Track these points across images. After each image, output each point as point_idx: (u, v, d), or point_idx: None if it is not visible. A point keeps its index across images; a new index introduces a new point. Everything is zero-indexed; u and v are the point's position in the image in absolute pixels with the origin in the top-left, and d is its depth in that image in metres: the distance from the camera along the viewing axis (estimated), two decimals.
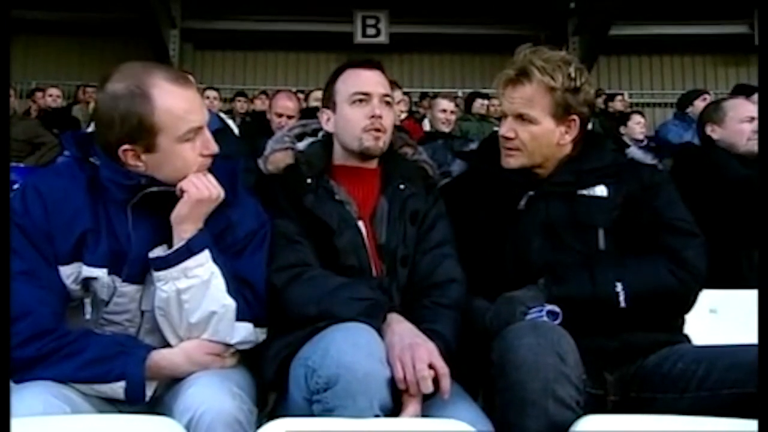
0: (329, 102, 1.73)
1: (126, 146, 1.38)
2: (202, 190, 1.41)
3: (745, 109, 2.69)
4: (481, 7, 9.39)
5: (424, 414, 1.32)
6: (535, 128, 1.62)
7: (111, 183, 1.41)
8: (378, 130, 1.66)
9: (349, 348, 1.26)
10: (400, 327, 1.41)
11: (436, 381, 1.32)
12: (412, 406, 1.31)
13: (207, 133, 1.45)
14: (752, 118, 2.63)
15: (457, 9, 9.49)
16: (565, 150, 1.66)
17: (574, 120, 1.63)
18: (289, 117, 3.86)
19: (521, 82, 1.62)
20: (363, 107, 1.66)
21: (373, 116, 1.65)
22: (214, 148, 1.45)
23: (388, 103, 1.70)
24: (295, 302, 1.46)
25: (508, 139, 1.64)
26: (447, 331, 1.46)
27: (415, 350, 1.33)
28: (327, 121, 1.73)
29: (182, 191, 1.41)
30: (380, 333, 1.36)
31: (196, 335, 1.40)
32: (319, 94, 4.94)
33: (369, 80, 1.69)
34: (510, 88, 1.64)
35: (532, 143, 1.62)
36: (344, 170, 1.71)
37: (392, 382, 1.30)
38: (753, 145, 2.59)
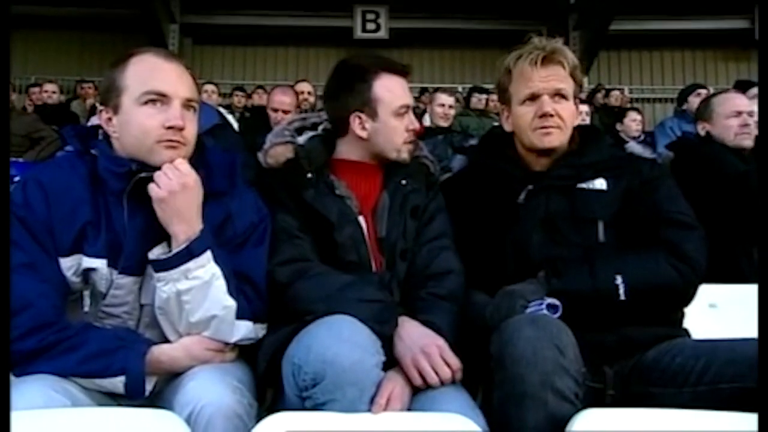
0: (365, 107, 1.65)
1: (101, 107, 1.45)
2: (165, 186, 1.37)
3: (732, 104, 2.66)
4: (482, 2, 9.38)
5: (418, 407, 1.35)
6: (570, 105, 1.65)
7: (106, 172, 1.41)
8: (414, 141, 1.71)
9: (333, 342, 1.26)
10: (407, 332, 1.43)
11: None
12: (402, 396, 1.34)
13: (177, 107, 1.41)
14: (739, 113, 2.61)
15: (456, 4, 9.48)
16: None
17: (578, 108, 1.68)
18: (285, 112, 3.93)
19: (554, 60, 1.63)
20: (405, 119, 1.68)
21: (411, 128, 1.69)
22: (180, 123, 1.40)
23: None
24: (302, 299, 1.46)
25: (549, 116, 1.63)
26: (442, 323, 1.47)
27: (430, 355, 1.38)
28: (361, 125, 1.66)
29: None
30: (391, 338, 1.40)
31: (196, 333, 1.40)
32: (304, 86, 4.95)
33: (408, 90, 1.71)
34: (542, 67, 1.63)
35: (570, 120, 1.65)
36: (345, 165, 1.70)
37: (378, 370, 1.31)
38: (741, 140, 2.58)
